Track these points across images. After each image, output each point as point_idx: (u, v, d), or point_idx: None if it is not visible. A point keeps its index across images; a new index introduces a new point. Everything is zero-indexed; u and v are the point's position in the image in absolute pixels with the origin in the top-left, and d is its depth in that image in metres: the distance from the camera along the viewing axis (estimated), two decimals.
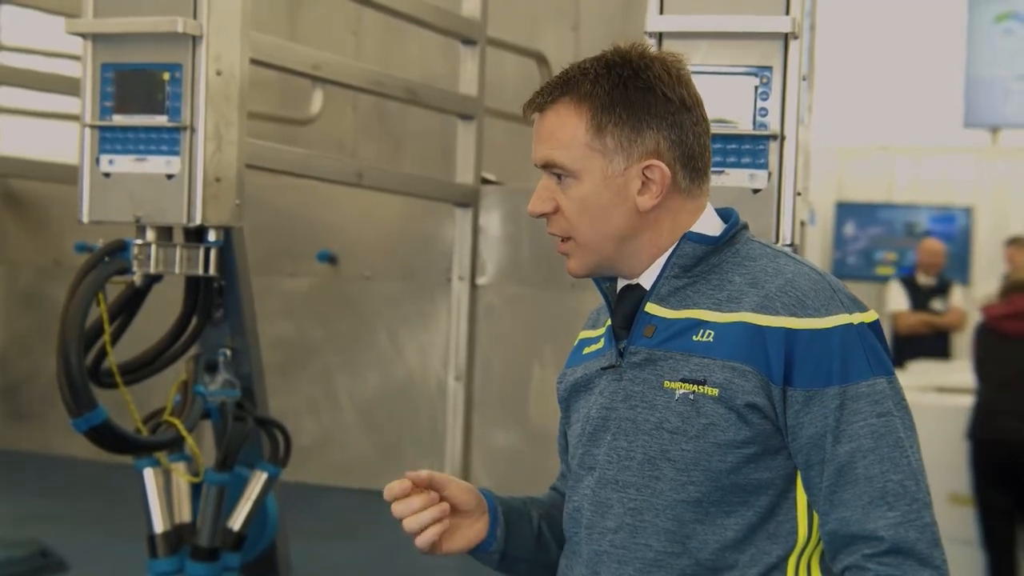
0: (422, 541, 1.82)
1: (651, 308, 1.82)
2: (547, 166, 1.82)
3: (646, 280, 1.85)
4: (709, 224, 1.85)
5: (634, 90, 1.79)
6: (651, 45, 1.89)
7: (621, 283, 1.89)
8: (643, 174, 1.79)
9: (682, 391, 1.76)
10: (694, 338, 1.77)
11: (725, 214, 1.88)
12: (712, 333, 1.76)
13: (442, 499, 1.84)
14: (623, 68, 1.79)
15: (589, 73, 1.80)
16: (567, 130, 1.80)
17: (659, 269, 1.83)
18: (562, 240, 1.86)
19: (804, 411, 1.73)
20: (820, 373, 1.72)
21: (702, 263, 1.82)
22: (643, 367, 1.80)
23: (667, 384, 1.77)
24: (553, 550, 1.97)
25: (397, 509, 1.82)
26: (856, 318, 1.76)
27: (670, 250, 1.83)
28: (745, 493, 1.75)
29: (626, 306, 1.86)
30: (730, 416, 1.73)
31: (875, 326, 1.78)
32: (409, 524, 1.82)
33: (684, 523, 1.76)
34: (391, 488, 1.82)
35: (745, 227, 1.88)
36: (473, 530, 1.89)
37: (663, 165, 1.79)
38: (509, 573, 1.97)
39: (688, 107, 1.82)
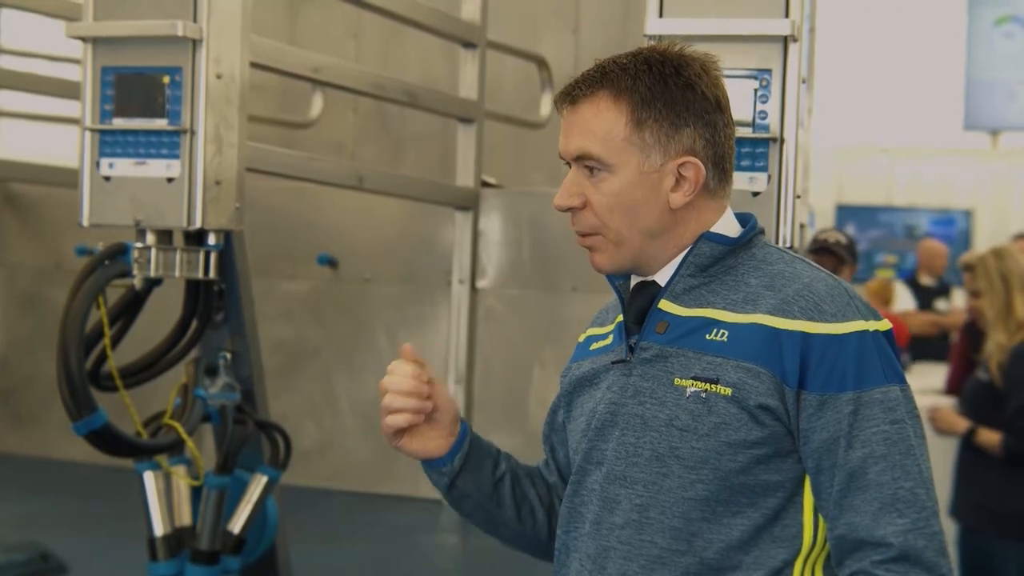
0: (391, 420, 1.86)
1: (665, 305, 1.83)
2: (580, 158, 1.81)
3: (661, 277, 1.85)
4: (727, 226, 1.86)
5: (674, 87, 1.79)
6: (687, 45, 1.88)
7: (634, 280, 1.90)
8: (678, 171, 1.80)
9: (693, 389, 1.76)
10: (707, 337, 1.78)
11: (743, 218, 1.89)
12: (726, 333, 1.77)
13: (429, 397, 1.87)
14: (663, 64, 1.80)
15: (628, 68, 1.80)
16: (604, 123, 1.79)
17: (675, 267, 1.84)
18: (584, 235, 1.85)
19: (817, 415, 1.73)
20: (835, 378, 1.73)
21: (718, 263, 1.83)
22: (653, 363, 1.80)
23: (677, 381, 1.77)
24: (507, 507, 1.99)
25: (394, 377, 1.85)
26: (872, 325, 1.77)
27: (687, 249, 1.83)
28: (753, 494, 1.76)
29: (639, 302, 1.86)
30: (742, 416, 1.73)
31: (889, 335, 1.79)
32: (391, 399, 1.86)
33: (691, 521, 1.76)
34: (407, 351, 1.87)
35: (762, 231, 1.89)
36: (434, 443, 1.92)
37: (699, 162, 1.80)
38: (454, 505, 2.00)
39: (722, 108, 1.83)
